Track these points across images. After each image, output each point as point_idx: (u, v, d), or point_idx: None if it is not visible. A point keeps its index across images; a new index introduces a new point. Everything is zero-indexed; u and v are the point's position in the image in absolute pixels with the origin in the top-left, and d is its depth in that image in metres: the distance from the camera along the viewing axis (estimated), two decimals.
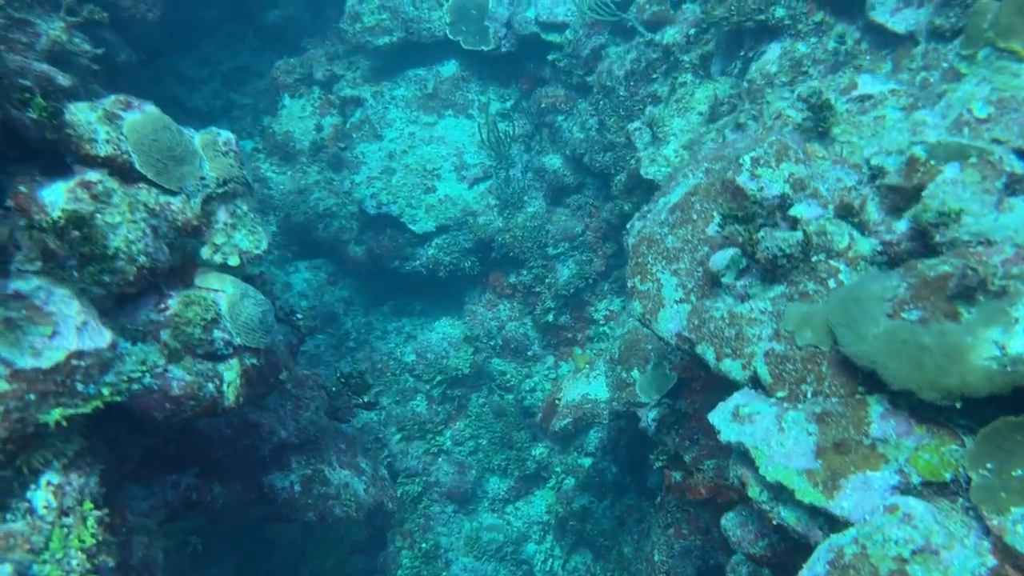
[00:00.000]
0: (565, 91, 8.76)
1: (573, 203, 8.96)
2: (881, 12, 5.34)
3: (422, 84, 9.54)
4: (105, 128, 3.26)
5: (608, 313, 8.88)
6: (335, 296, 10.46)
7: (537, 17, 8.55)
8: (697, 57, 6.21)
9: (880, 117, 3.59)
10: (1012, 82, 3.14)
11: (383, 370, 9.37)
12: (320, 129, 10.39)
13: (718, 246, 3.27)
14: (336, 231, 9.76)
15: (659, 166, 6.15)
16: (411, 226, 9.05)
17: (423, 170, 9.22)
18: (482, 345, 9.22)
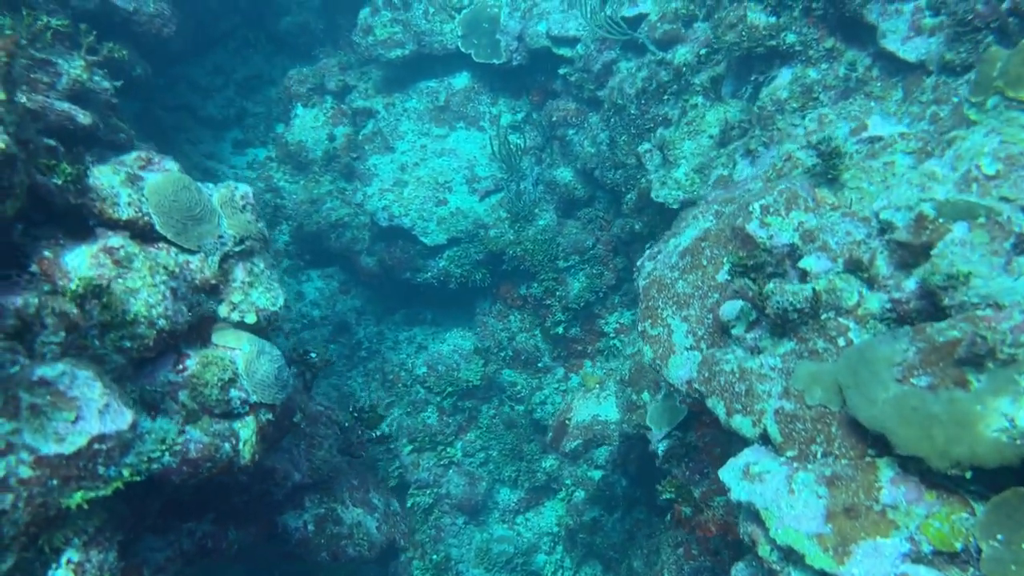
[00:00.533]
0: (576, 105, 8.77)
1: (584, 216, 8.99)
2: (892, 40, 5.35)
3: (434, 96, 9.58)
4: (127, 191, 3.32)
5: (618, 326, 8.91)
6: (347, 305, 10.53)
7: (548, 31, 8.56)
8: (708, 80, 6.22)
9: (890, 163, 3.61)
10: (1021, 135, 3.14)
11: (394, 381, 9.45)
12: (332, 139, 10.45)
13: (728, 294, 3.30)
14: (348, 241, 9.82)
15: (670, 189, 6.17)
16: (423, 238, 9.11)
17: (435, 183, 9.26)
18: (493, 357, 9.29)
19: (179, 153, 10.51)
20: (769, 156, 5.54)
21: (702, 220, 3.69)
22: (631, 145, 7.33)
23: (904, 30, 5.31)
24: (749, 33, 5.75)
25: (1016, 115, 3.30)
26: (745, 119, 5.95)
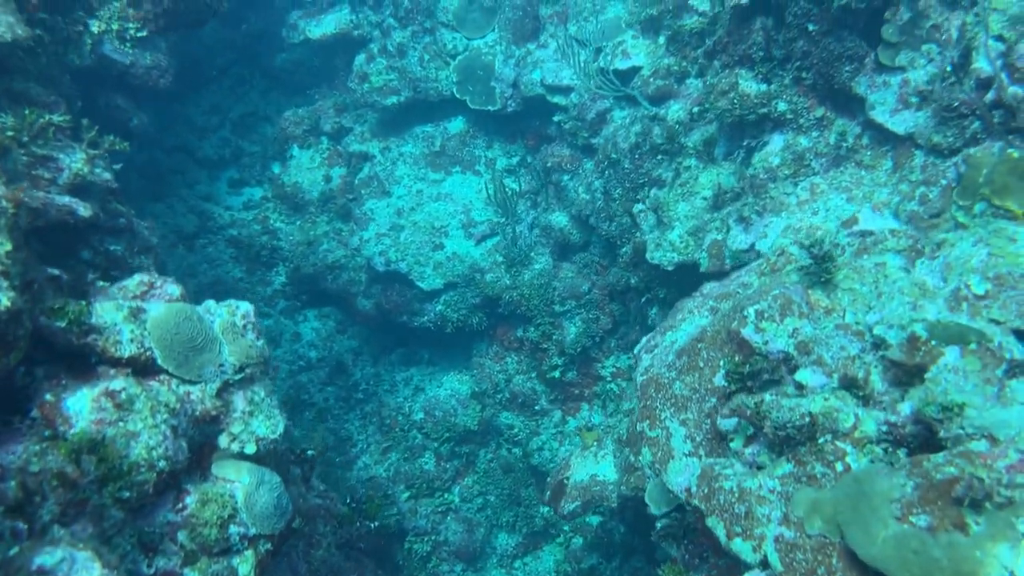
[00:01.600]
0: (571, 151, 8.85)
1: (579, 260, 9.05)
2: (881, 112, 5.43)
3: (430, 141, 9.65)
4: (130, 327, 3.36)
5: (615, 370, 8.97)
6: (344, 346, 10.56)
7: (543, 80, 8.64)
8: (701, 143, 6.30)
9: (881, 264, 3.67)
10: (1008, 248, 3.22)
11: (392, 425, 9.49)
12: (329, 180, 10.53)
13: (725, 400, 3.36)
14: (345, 283, 9.86)
15: (665, 251, 6.24)
16: (419, 283, 9.16)
17: (431, 227, 9.33)
18: (490, 399, 9.33)
19: (176, 198, 10.59)
20: (762, 225, 5.61)
21: (698, 316, 3.75)
22: (626, 198, 7.40)
23: (892, 102, 5.40)
24: (741, 101, 5.84)
25: (1003, 225, 3.38)
26: (738, 184, 6.03)
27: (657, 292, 6.93)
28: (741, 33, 5.87)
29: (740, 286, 3.84)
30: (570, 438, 8.98)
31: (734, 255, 5.69)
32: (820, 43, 5.45)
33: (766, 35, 5.79)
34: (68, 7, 4.38)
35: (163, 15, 4.76)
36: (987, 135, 4.38)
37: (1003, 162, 3.53)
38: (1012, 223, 3.43)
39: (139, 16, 4.62)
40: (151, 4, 4.63)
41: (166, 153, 11.03)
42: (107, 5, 4.48)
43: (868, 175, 5.53)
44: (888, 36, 5.38)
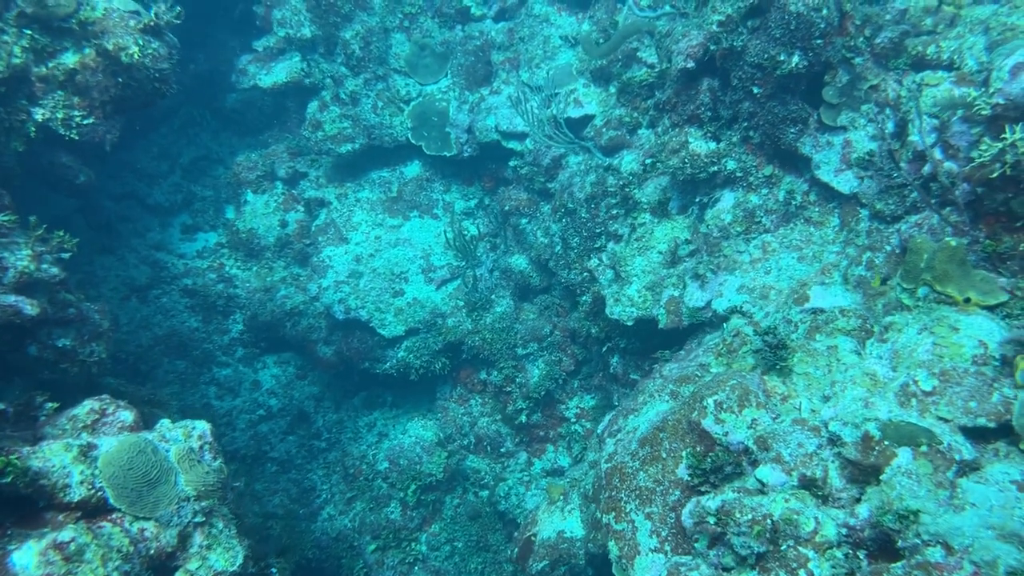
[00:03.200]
0: (528, 195, 8.91)
1: (540, 303, 9.11)
2: (825, 171, 5.61)
3: (386, 186, 9.63)
4: (79, 468, 3.28)
5: (579, 411, 9.03)
6: (305, 392, 10.44)
7: (497, 126, 8.70)
8: (655, 200, 6.41)
9: (833, 347, 3.79)
10: (951, 339, 3.35)
11: (356, 475, 9.40)
12: (285, 225, 10.42)
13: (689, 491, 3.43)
14: (304, 330, 9.76)
15: (624, 306, 6.33)
16: (380, 330, 9.11)
17: (390, 273, 9.30)
18: (455, 443, 9.31)
19: (127, 249, 10.37)
20: (717, 283, 5.73)
21: (659, 401, 3.81)
22: (583, 247, 7.49)
23: (836, 162, 5.57)
24: (691, 160, 5.96)
25: (946, 313, 3.52)
26: (693, 239, 6.15)
27: (618, 342, 7.01)
28: (689, 93, 6.00)
29: (698, 368, 3.92)
30: (536, 481, 9.00)
31: (691, 313, 5.79)
32: (765, 105, 5.60)
33: (713, 96, 5.92)
34: (10, 96, 4.28)
35: (110, 102, 4.68)
36: (926, 205, 4.55)
37: (942, 250, 3.68)
38: (953, 310, 3.57)
39: (84, 104, 4.54)
40: (98, 92, 4.56)
41: (114, 201, 10.81)
42: (51, 94, 4.40)
43: (817, 232, 5.69)
44: (829, 97, 5.57)
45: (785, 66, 5.32)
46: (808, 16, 5.22)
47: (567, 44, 8.36)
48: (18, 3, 4.29)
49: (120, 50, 4.55)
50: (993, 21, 5.11)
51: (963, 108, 4.08)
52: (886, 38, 5.47)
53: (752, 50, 5.42)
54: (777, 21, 5.26)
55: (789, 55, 5.31)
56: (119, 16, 4.57)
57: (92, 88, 4.55)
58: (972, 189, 4.03)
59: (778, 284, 5.40)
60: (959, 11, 5.47)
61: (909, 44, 5.47)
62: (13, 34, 4.28)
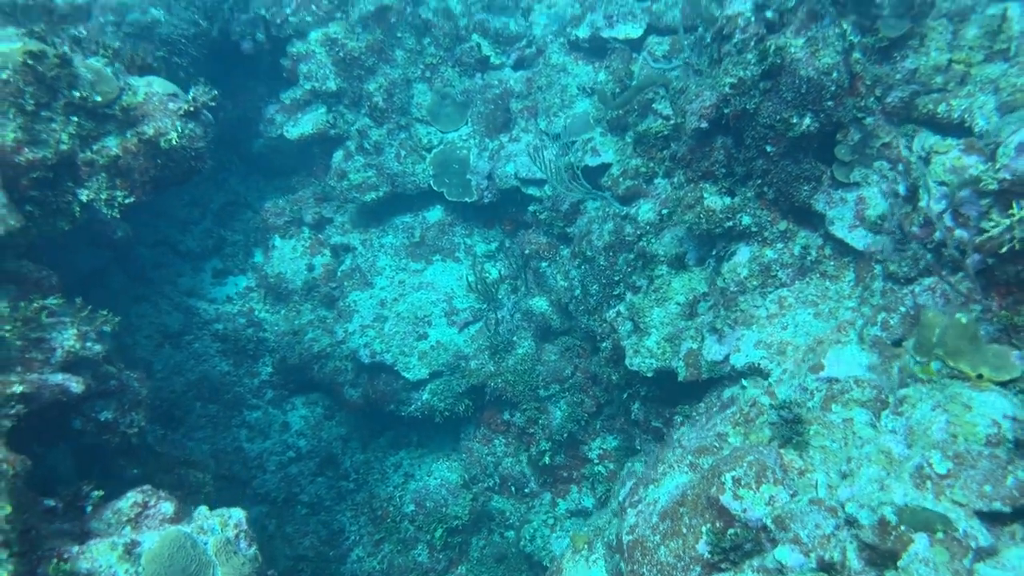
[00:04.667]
0: (547, 239, 9.07)
1: (561, 344, 9.23)
2: (840, 227, 5.70)
3: (409, 232, 9.85)
4: (124, 567, 3.46)
5: (601, 452, 9.11)
6: (333, 433, 10.63)
7: (516, 173, 8.89)
8: (672, 255, 6.54)
9: (848, 420, 3.87)
10: (965, 417, 3.43)
11: (383, 516, 9.55)
12: (312, 269, 10.68)
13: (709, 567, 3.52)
14: (331, 372, 9.97)
15: (643, 358, 6.44)
16: (405, 374, 9.29)
17: (414, 317, 9.49)
18: (480, 487, 9.43)
19: (160, 296, 10.69)
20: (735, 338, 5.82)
21: (678, 472, 3.93)
22: (603, 294, 7.62)
23: (850, 218, 5.67)
24: (707, 216, 6.08)
25: (959, 390, 3.60)
26: (710, 292, 6.26)
27: (638, 389, 7.11)
28: (703, 151, 6.14)
29: (717, 438, 4.03)
30: (561, 523, 9.09)
31: (710, 367, 5.89)
32: (778, 164, 5.72)
33: (727, 153, 6.05)
34: (58, 180, 4.54)
35: (149, 182, 4.94)
36: (939, 267, 4.63)
37: (953, 326, 3.76)
38: (967, 385, 3.66)
39: (126, 185, 4.79)
40: (138, 174, 4.81)
41: (148, 248, 11.14)
42: (95, 176, 4.65)
43: (833, 286, 5.77)
44: (841, 155, 5.67)
45: (797, 128, 5.44)
46: (819, 80, 5.35)
47: (584, 93, 8.55)
48: (64, 93, 4.56)
49: (160, 135, 4.81)
50: (1003, 82, 5.20)
51: (971, 180, 4.18)
52: (897, 97, 5.58)
53: (764, 112, 5.55)
54: (788, 85, 5.39)
55: (801, 117, 5.43)
56: (159, 100, 4.83)
57: (134, 171, 4.80)
58: (983, 259, 4.11)
59: (795, 340, 5.49)
60: (969, 69, 5.56)
61: (920, 103, 5.57)
62: (61, 122, 4.54)
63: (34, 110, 4.37)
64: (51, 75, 4.41)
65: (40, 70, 4.39)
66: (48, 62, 4.46)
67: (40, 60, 4.41)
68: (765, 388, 4.32)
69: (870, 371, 4.65)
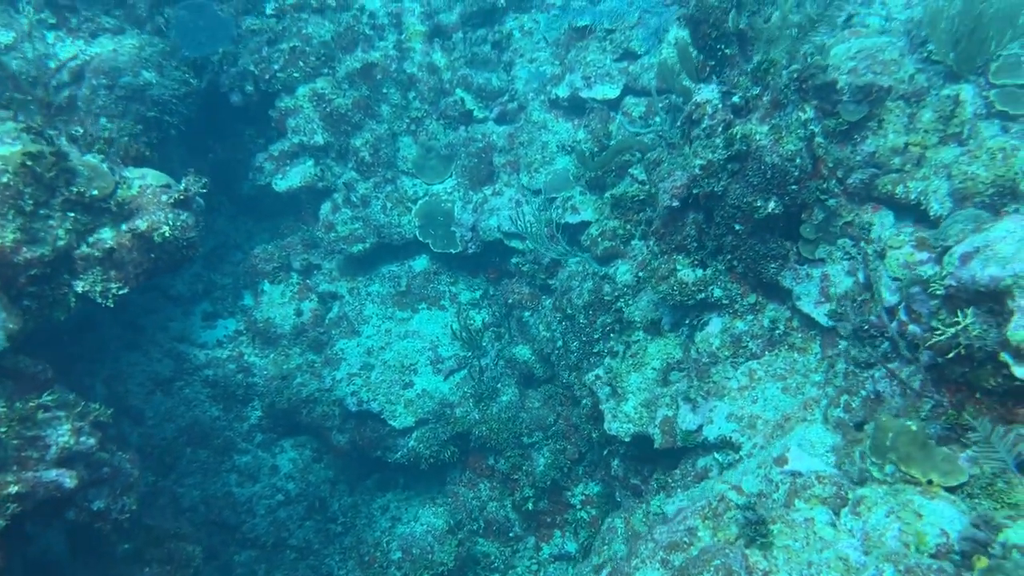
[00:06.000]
0: (530, 289, 9.30)
1: (544, 392, 9.45)
2: (806, 303, 5.95)
3: (396, 281, 10.06)
4: None
5: (584, 497, 9.31)
6: (321, 476, 10.78)
7: (499, 227, 9.12)
8: (648, 320, 6.77)
9: (810, 519, 4.10)
10: (916, 526, 3.66)
11: (371, 562, 9.72)
12: (300, 314, 10.86)
13: None
14: (319, 417, 10.14)
15: (621, 423, 6.66)
16: (391, 422, 9.48)
17: (400, 366, 9.68)
18: (465, 531, 9.62)
19: (151, 344, 10.84)
20: (708, 409, 6.05)
21: (650, 568, 4.13)
22: (583, 351, 7.85)
23: (815, 294, 5.92)
24: (680, 288, 6.33)
25: (911, 497, 3.84)
26: (684, 359, 6.49)
27: (617, 448, 7.33)
28: (676, 225, 6.38)
29: (687, 533, 4.25)
30: (544, 568, 9.28)
31: (684, 435, 6.13)
32: (747, 242, 5.97)
33: (698, 228, 6.30)
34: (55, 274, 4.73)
35: (143, 273, 5.13)
36: (896, 356, 4.87)
37: (904, 432, 4.00)
38: (918, 491, 3.90)
39: (120, 276, 4.97)
40: (132, 267, 5.00)
41: (139, 293, 11.28)
42: (91, 269, 4.83)
43: (801, 359, 6.02)
44: (806, 234, 5.93)
45: (762, 211, 5.69)
46: (783, 166, 5.60)
47: (563, 151, 8.80)
48: (62, 191, 4.75)
49: (153, 230, 5.00)
50: (955, 169, 5.48)
51: (921, 280, 4.43)
52: (857, 179, 5.84)
53: (732, 194, 5.80)
54: (754, 170, 5.65)
55: (766, 201, 5.68)
56: (152, 192, 5.02)
57: (127, 264, 4.99)
58: (934, 356, 4.35)
59: (764, 414, 5.73)
60: (925, 151, 5.83)
61: (880, 183, 5.84)
62: (58, 218, 4.73)
63: (33, 210, 4.56)
64: (49, 175, 4.61)
65: (39, 171, 4.58)
66: (45, 161, 4.66)
67: (38, 160, 4.60)
68: (732, 484, 4.55)
69: (833, 453, 4.89)
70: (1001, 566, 3.29)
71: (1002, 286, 3.95)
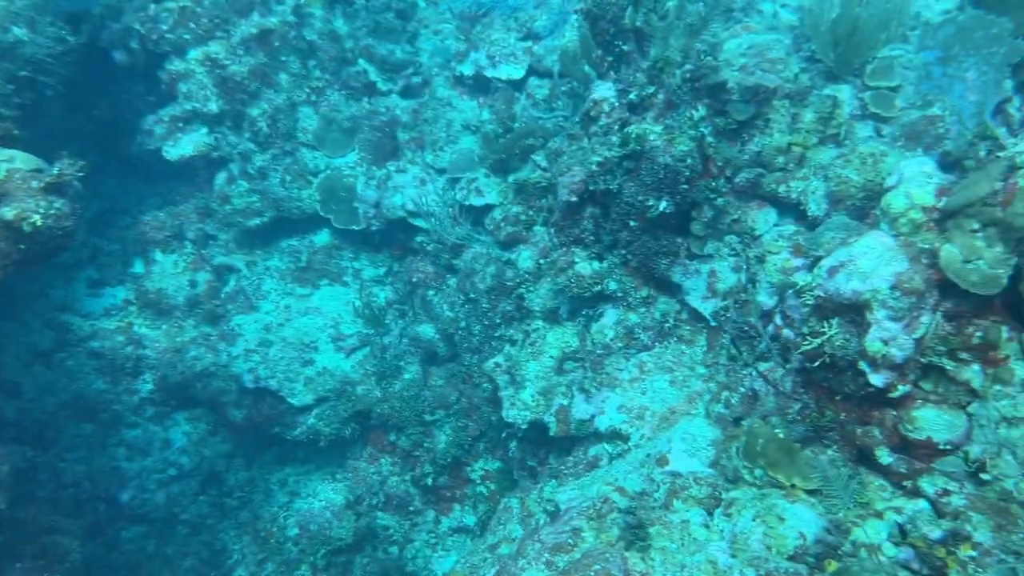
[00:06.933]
0: (435, 269, 9.27)
1: (448, 370, 9.51)
2: (694, 297, 6.22)
3: (296, 256, 9.82)
4: None
5: (484, 472, 9.51)
6: (216, 450, 10.54)
7: (404, 205, 9.02)
8: (547, 309, 6.90)
9: (686, 521, 4.34)
10: (778, 530, 3.95)
11: (267, 536, 9.66)
12: (194, 285, 10.46)
13: None
14: (215, 392, 9.89)
15: (519, 410, 6.82)
16: (290, 399, 9.36)
17: (300, 343, 9.53)
18: (365, 505, 9.68)
19: (29, 313, 10.23)
20: (600, 400, 6.26)
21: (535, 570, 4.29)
22: (485, 335, 7.96)
23: (703, 290, 6.18)
24: (577, 280, 6.47)
25: (775, 500, 4.13)
26: (580, 349, 6.67)
27: (515, 431, 7.50)
28: (574, 219, 6.49)
29: (572, 534, 4.43)
30: (443, 541, 9.48)
31: (578, 425, 6.34)
32: (640, 238, 6.15)
33: (596, 222, 6.43)
34: None
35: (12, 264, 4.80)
36: (771, 356, 5.17)
37: (772, 440, 4.28)
38: (782, 495, 4.20)
39: None
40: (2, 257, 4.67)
41: None
42: None
43: (688, 350, 6.29)
44: (696, 231, 6.16)
45: (655, 210, 5.86)
46: (675, 166, 5.76)
47: (469, 130, 8.74)
48: None
49: (22, 219, 4.68)
50: (831, 171, 5.78)
51: (794, 288, 4.69)
52: (744, 178, 6.09)
53: (627, 192, 5.94)
54: (648, 170, 5.78)
55: (658, 200, 5.84)
56: (21, 177, 4.69)
57: None
58: (803, 361, 4.65)
59: (652, 406, 5.99)
60: (806, 152, 6.11)
61: (765, 182, 6.11)
62: None
63: None
64: None
65: None
66: None
67: None
68: (616, 485, 4.75)
69: (713, 447, 5.17)
70: (848, 568, 3.61)
71: (862, 300, 4.24)
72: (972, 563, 3.54)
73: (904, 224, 4.41)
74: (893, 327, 4.15)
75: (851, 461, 4.41)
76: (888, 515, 4.02)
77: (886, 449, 4.27)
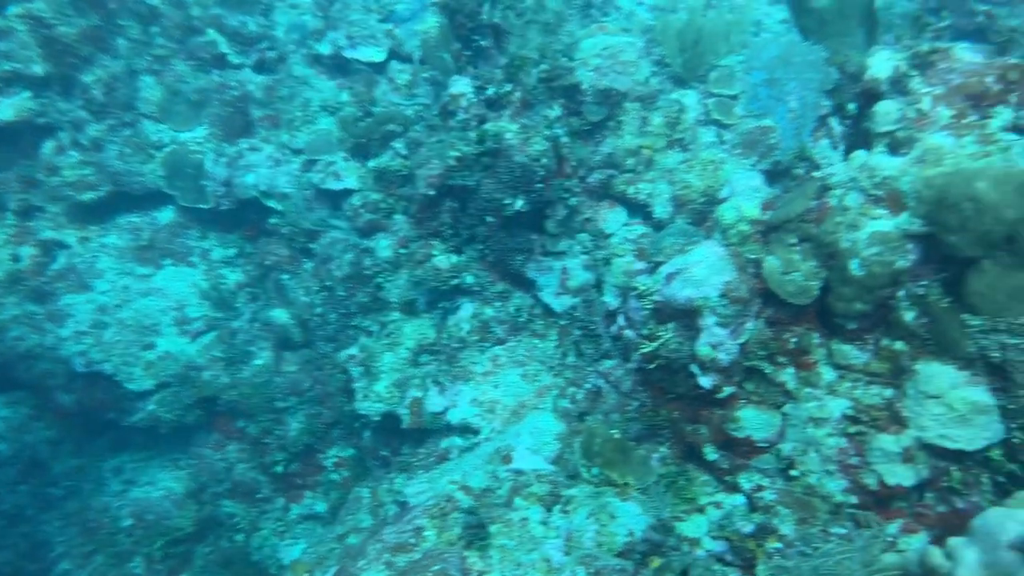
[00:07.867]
0: (290, 252, 8.98)
1: (302, 356, 9.27)
2: (547, 293, 6.42)
3: (136, 233, 9.18)
4: None
5: (337, 459, 9.38)
6: (40, 436, 9.77)
7: (257, 185, 8.65)
8: (404, 300, 6.88)
9: (525, 520, 4.50)
10: (609, 528, 4.20)
11: (96, 528, 9.10)
12: (17, 260, 9.55)
13: None
14: (41, 375, 9.16)
15: (372, 402, 6.80)
16: (127, 384, 8.81)
17: (140, 326, 8.96)
18: (209, 493, 9.31)
19: None
20: (454, 392, 6.35)
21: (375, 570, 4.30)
22: (341, 323, 7.82)
23: (556, 286, 6.39)
24: (435, 273, 6.49)
25: (608, 499, 4.38)
26: (436, 343, 6.72)
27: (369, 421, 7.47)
28: (432, 212, 6.50)
29: (414, 533, 4.48)
30: (291, 529, 9.31)
31: (432, 417, 6.40)
32: (496, 234, 6.25)
33: (454, 216, 6.47)
34: None
35: None
36: (614, 356, 5.44)
37: (608, 440, 4.52)
38: (615, 493, 4.46)
39: None
40: None
41: None
42: None
43: (540, 344, 6.49)
44: (550, 229, 6.35)
45: (510, 208, 5.97)
46: (530, 166, 5.89)
47: (327, 112, 8.48)
48: None
49: None
50: (676, 176, 6.12)
51: (635, 291, 4.95)
52: (596, 179, 6.33)
53: (485, 189, 6.01)
54: (504, 168, 5.88)
55: (514, 199, 5.96)
56: None
57: None
58: (642, 362, 4.93)
59: (504, 400, 6.15)
60: (654, 155, 6.44)
61: (615, 183, 6.37)
62: None
63: None
64: None
65: None
66: None
67: None
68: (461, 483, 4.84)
69: (558, 441, 5.38)
70: (669, 564, 3.92)
71: (695, 306, 4.55)
72: (777, 555, 3.94)
73: (734, 235, 4.76)
74: (721, 333, 4.49)
75: (681, 458, 4.75)
76: (709, 510, 4.37)
77: (712, 446, 4.63)
